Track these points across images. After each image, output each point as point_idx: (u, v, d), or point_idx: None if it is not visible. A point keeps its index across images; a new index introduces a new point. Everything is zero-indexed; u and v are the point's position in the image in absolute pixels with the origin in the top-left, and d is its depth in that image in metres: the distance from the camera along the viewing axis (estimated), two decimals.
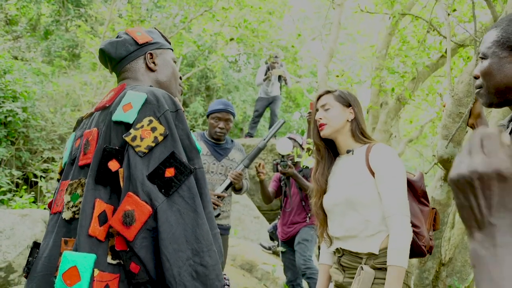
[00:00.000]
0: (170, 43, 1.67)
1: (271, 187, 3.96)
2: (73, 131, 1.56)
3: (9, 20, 10.33)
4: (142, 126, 1.25)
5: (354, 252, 1.98)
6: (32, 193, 5.81)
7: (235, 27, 7.80)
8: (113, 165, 1.26)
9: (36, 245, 1.41)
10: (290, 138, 4.03)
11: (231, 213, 3.58)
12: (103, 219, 1.24)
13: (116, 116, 1.30)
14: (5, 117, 6.01)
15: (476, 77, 1.39)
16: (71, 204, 1.32)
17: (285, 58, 9.78)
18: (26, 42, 9.95)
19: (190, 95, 10.55)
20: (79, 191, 1.31)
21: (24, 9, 10.46)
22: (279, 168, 3.71)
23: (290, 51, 9.75)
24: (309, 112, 4.16)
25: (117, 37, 1.55)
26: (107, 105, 1.38)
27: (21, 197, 5.42)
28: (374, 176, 1.98)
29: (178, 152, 1.26)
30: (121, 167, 1.25)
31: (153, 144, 1.24)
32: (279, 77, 8.00)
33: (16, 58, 8.59)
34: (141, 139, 1.24)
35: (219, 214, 3.06)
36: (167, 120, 1.28)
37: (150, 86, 1.44)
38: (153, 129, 1.25)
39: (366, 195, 1.97)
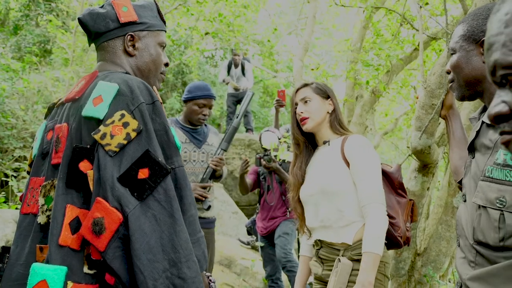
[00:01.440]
0: (164, 22, 1.49)
1: (248, 179, 3.95)
2: (45, 118, 1.42)
3: None
4: (113, 122, 1.13)
5: (329, 243, 2.00)
6: (3, 193, 5.64)
7: (210, 21, 7.72)
8: (84, 166, 1.15)
9: (5, 250, 1.29)
10: (269, 131, 4.03)
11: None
12: (75, 226, 1.12)
13: (86, 111, 1.18)
14: None
15: (448, 72, 1.42)
16: (45, 207, 1.21)
17: (261, 53, 9.78)
18: None
19: (166, 90, 10.42)
20: (52, 193, 1.20)
21: None
22: (263, 162, 3.70)
23: (266, 45, 9.73)
24: (277, 100, 4.18)
25: (101, 7, 1.39)
26: (77, 97, 1.25)
27: None
28: (348, 167, 2.00)
29: (153, 149, 1.14)
30: (92, 168, 1.14)
31: (125, 142, 1.12)
32: (243, 72, 7.99)
33: None
34: (111, 136, 1.12)
35: (209, 207, 2.94)
36: (142, 113, 1.15)
37: (126, 72, 1.33)
38: (125, 125, 1.13)
39: (339, 185, 1.98)
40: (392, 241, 2.06)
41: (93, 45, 1.45)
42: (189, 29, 8.07)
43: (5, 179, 6.02)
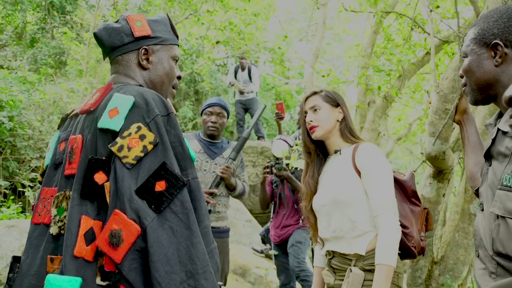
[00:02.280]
0: (177, 36, 1.52)
1: (267, 191, 3.93)
2: (58, 128, 1.43)
3: None
4: (130, 134, 1.14)
5: (342, 253, 1.97)
6: (20, 203, 5.72)
7: (220, 30, 7.77)
8: (99, 177, 1.15)
9: (16, 259, 1.29)
10: (281, 140, 4.01)
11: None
12: (90, 237, 1.13)
13: (102, 123, 1.18)
14: None
15: (461, 76, 1.40)
16: (57, 218, 1.21)
17: (272, 60, 9.78)
18: (12, 51, 9.84)
19: (179, 99, 10.51)
20: (64, 204, 1.20)
21: (9, 18, 10.35)
22: (274, 170, 3.68)
23: (277, 52, 9.74)
24: (277, 113, 4.22)
25: (116, 22, 1.41)
26: (92, 108, 1.26)
27: (8, 207, 5.33)
28: (360, 176, 1.97)
29: (170, 162, 1.15)
30: (108, 180, 1.14)
31: (142, 154, 1.12)
32: (250, 76, 7.99)
33: (1, 67, 8.49)
34: (129, 149, 1.12)
35: (210, 211, 2.97)
36: (158, 126, 1.16)
37: (140, 85, 1.33)
38: (142, 137, 1.14)
39: (351, 194, 1.95)
40: (406, 251, 2.02)
41: (107, 57, 1.47)
42: (200, 38, 8.13)
43: (21, 189, 6.11)
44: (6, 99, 6.24)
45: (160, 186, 1.12)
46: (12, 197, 5.76)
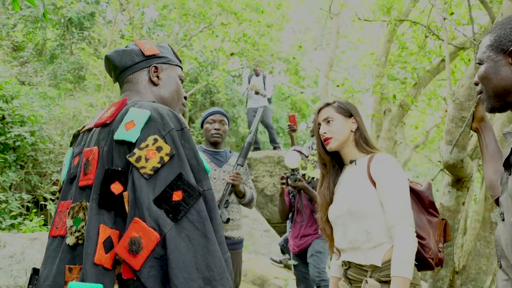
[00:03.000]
0: (180, 61, 1.60)
1: (285, 202, 3.93)
2: (70, 145, 1.48)
3: (16, 46, 10.51)
4: (147, 146, 1.18)
5: (358, 264, 1.96)
6: (42, 216, 5.83)
7: (235, 41, 7.85)
8: (116, 187, 1.20)
9: (35, 272, 1.34)
10: (296, 151, 4.02)
11: (242, 228, 3.52)
12: (108, 245, 1.17)
13: (119, 135, 1.23)
14: (14, 141, 6.08)
15: (476, 84, 1.39)
16: (73, 229, 1.25)
17: (287, 70, 9.81)
18: (33, 67, 10.09)
19: (195, 111, 10.61)
20: (81, 214, 1.24)
21: (30, 35, 10.64)
22: (289, 181, 3.68)
23: (292, 62, 9.77)
24: (289, 125, 4.27)
25: (126, 47, 1.50)
26: (108, 122, 1.30)
27: (31, 220, 5.44)
28: (375, 186, 1.96)
29: (186, 173, 1.19)
30: (124, 189, 1.19)
31: (159, 165, 1.16)
32: (264, 83, 8.02)
33: (23, 83, 8.71)
34: (146, 159, 1.17)
35: (228, 220, 3.01)
36: (173, 139, 1.21)
37: (153, 102, 1.37)
38: (159, 149, 1.18)
39: (366, 205, 1.95)
40: (424, 263, 2.00)
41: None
42: (215, 50, 8.23)
43: (43, 202, 6.23)
44: (27, 115, 6.40)
45: (177, 196, 1.16)
46: (34, 210, 5.88)
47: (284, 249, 4.67)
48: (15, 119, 6.26)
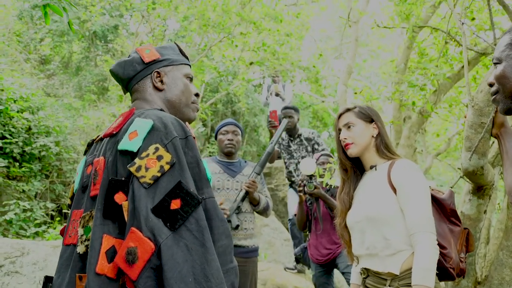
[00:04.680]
0: (187, 58, 1.59)
1: (304, 211, 3.89)
2: (84, 154, 1.51)
3: (43, 59, 10.85)
4: (148, 155, 1.18)
5: (376, 272, 1.93)
6: (65, 224, 5.95)
7: (254, 51, 7.90)
8: (119, 197, 1.20)
9: (48, 279, 1.36)
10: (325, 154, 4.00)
11: (262, 236, 3.52)
12: (111, 255, 1.16)
13: (122, 145, 1.24)
14: (39, 151, 6.25)
15: (490, 85, 1.36)
16: (84, 237, 1.26)
17: (307, 79, 9.79)
18: (59, 79, 10.39)
19: (216, 120, 10.69)
20: (90, 223, 1.25)
21: (57, 49, 10.98)
22: (306, 189, 3.64)
23: (312, 71, 9.76)
24: (270, 121, 4.27)
25: (128, 57, 1.52)
26: (114, 132, 1.32)
27: (54, 228, 5.56)
28: (395, 193, 1.93)
29: (185, 181, 1.18)
30: (127, 199, 1.19)
31: (159, 174, 1.16)
32: (283, 89, 7.98)
33: (49, 95, 8.96)
34: (146, 169, 1.16)
35: (238, 226, 3.00)
36: (175, 147, 1.20)
37: (161, 109, 1.39)
38: (159, 158, 1.18)
39: (385, 211, 1.91)
40: (445, 272, 1.94)
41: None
42: (234, 60, 8.30)
43: (67, 211, 6.36)
44: (52, 125, 6.59)
45: (175, 204, 1.15)
46: (58, 218, 6.01)
47: (300, 259, 4.60)
48: (41, 130, 6.44)
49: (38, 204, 5.96)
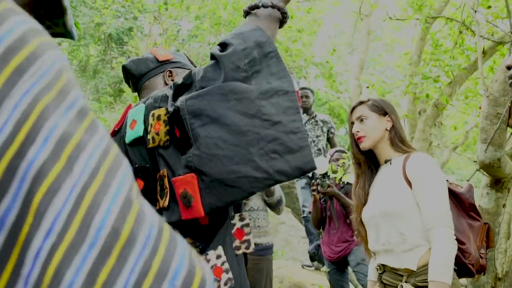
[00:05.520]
0: (196, 67, 1.61)
1: (318, 209, 3.87)
2: None
3: None
4: (150, 125, 1.19)
5: (392, 268, 1.89)
6: None
7: None
8: (138, 183, 1.21)
9: None
10: (338, 151, 3.97)
11: (279, 234, 3.49)
12: None
13: (128, 137, 1.27)
14: None
15: (508, 67, 1.30)
16: None
17: (321, 74, 9.72)
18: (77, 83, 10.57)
19: None
20: None
21: (74, 52, 11.18)
22: (319, 188, 3.62)
23: (326, 66, 9.67)
24: None
25: (141, 56, 1.56)
26: (116, 129, 1.36)
27: None
28: (411, 187, 1.89)
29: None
30: (145, 184, 1.20)
31: (167, 128, 1.15)
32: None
33: None
34: (157, 134, 1.16)
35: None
36: (166, 100, 1.20)
37: None
38: (158, 117, 1.18)
39: (400, 206, 1.88)
40: (464, 268, 1.89)
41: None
42: None
43: None
44: None
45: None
46: None
47: (314, 257, 4.57)
48: None
49: None
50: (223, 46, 1.14)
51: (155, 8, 8.23)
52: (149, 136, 1.19)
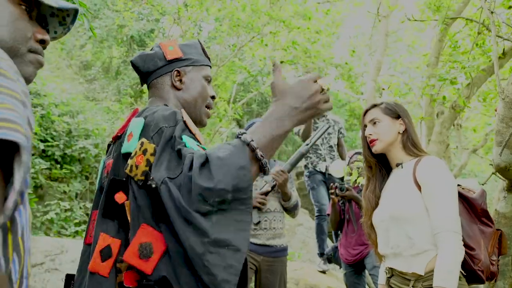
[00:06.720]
0: (209, 58, 1.59)
1: (337, 212, 3.87)
2: (106, 154, 1.52)
3: (85, 65, 11.30)
4: (136, 153, 1.17)
5: (400, 272, 1.89)
6: None
7: (284, 50, 7.88)
8: (119, 197, 1.20)
9: (69, 277, 1.37)
10: (357, 153, 3.96)
11: (296, 236, 3.49)
12: (106, 254, 1.16)
13: (123, 148, 1.25)
14: (79, 153, 6.50)
15: None
16: None
17: (341, 75, 9.66)
18: (100, 84, 10.78)
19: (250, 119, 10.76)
20: None
21: (97, 54, 11.40)
22: (338, 192, 3.62)
23: (345, 68, 9.61)
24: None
25: (150, 49, 1.52)
26: (119, 134, 1.34)
27: None
28: (420, 191, 1.88)
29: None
30: (127, 199, 1.18)
31: (147, 168, 1.13)
32: None
33: (89, 99, 9.32)
34: (136, 167, 1.14)
35: (259, 222, 2.95)
36: (160, 136, 1.17)
37: (165, 105, 1.39)
38: (144, 152, 1.15)
39: (409, 210, 1.87)
40: (473, 275, 1.87)
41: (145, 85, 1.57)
42: (264, 59, 8.31)
43: None
44: (91, 128, 6.84)
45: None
46: None
47: (332, 259, 4.55)
48: (81, 133, 6.70)
49: (78, 204, 6.20)
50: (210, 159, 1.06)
51: (175, 10, 8.33)
52: (130, 162, 1.17)
